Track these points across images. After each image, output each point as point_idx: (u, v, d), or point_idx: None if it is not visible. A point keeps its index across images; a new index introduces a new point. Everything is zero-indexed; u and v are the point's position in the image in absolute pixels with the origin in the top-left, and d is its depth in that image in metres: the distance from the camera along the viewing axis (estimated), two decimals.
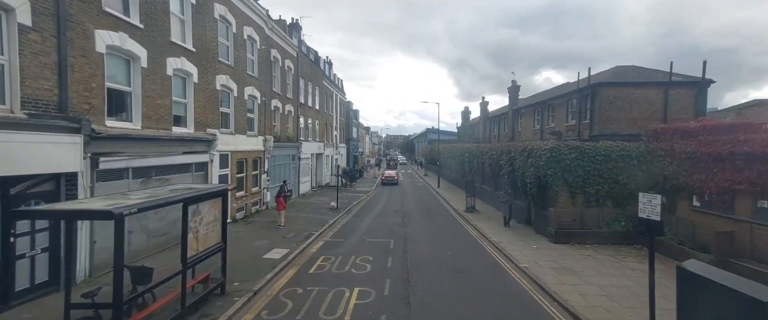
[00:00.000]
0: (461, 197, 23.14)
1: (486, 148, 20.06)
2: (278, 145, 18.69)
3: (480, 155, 21.91)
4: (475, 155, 23.23)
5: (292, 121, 21.47)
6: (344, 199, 22.19)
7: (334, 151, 34.27)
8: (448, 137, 56.53)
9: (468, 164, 24.94)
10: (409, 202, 22.38)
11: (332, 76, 35.02)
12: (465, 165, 26.08)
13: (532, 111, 21.08)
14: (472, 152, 24.29)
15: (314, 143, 26.68)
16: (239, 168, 14.68)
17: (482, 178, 22.11)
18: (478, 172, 23.39)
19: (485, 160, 19.83)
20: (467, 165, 25.26)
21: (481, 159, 21.45)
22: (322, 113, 29.58)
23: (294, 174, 21.84)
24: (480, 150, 21.84)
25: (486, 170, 20.00)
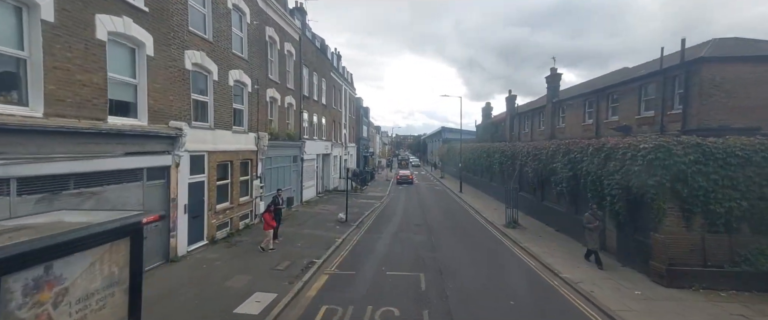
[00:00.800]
0: (492, 205, 19.57)
1: (527, 147, 16.44)
2: (275, 144, 15.49)
3: (517, 156, 18.29)
4: (509, 156, 19.61)
5: (293, 115, 18.27)
6: (354, 207, 18.88)
7: (342, 151, 31.04)
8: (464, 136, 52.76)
9: (499, 166, 21.31)
10: (431, 212, 18.91)
11: (341, 69, 31.82)
12: (494, 168, 22.45)
13: (582, 102, 17.38)
14: (504, 152, 20.67)
15: (320, 142, 23.45)
16: (221, 173, 11.50)
17: (519, 184, 18.48)
18: (511, 176, 19.76)
19: (527, 161, 16.22)
20: (497, 168, 21.62)
21: (519, 160, 17.83)
22: (330, 109, 26.37)
23: (295, 178, 18.63)
24: (517, 150, 18.22)
25: (528, 174, 16.36)
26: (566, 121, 19.30)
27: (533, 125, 24.43)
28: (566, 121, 19.31)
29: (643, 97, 13.14)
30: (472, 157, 29.43)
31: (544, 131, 22.20)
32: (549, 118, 21.04)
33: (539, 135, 23.05)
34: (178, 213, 8.98)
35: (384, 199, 23.62)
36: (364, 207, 19.74)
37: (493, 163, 22.86)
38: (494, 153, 22.72)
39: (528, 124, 26.06)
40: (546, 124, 21.45)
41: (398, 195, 26.14)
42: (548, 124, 21.07)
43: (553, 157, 13.35)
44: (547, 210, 14.96)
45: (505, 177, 20.63)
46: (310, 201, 20.59)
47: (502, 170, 20.90)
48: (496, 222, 15.65)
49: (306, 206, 18.88)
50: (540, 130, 23.22)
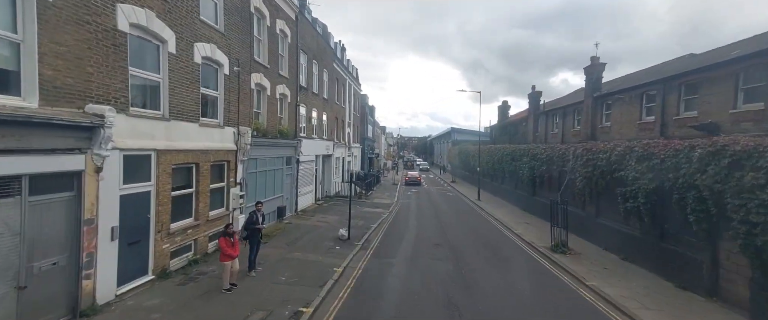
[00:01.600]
0: (522, 218, 16.42)
1: (576, 149, 13.26)
2: (263, 143, 12.55)
3: (556, 160, 15.14)
4: (544, 160, 16.45)
5: (287, 109, 15.32)
6: (359, 218, 15.87)
7: (345, 151, 28.08)
8: (471, 137, 49.59)
9: (529, 172, 18.15)
10: (450, 225, 15.81)
11: (345, 62, 28.90)
12: (521, 174, 19.27)
13: (638, 96, 14.23)
14: (536, 156, 17.51)
15: (320, 141, 20.50)
16: (181, 179, 8.55)
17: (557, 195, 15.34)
18: (543, 184, 16.64)
19: (576, 168, 13.06)
20: (526, 174, 18.45)
21: (561, 166, 14.69)
22: (332, 104, 23.42)
23: (289, 184, 15.66)
24: (557, 153, 15.04)
25: (575, 184, 13.18)
26: (613, 119, 16.12)
27: (565, 124, 21.26)
28: (613, 118, 16.13)
29: (742, 84, 9.96)
30: (490, 161, 26.29)
31: (580, 131, 19.04)
32: (588, 116, 17.88)
33: (573, 136, 19.88)
34: (97, 241, 6.03)
35: (393, 207, 20.57)
36: (370, 218, 16.72)
37: (519, 168, 19.70)
38: (521, 156, 19.56)
39: (557, 123, 22.90)
40: (584, 123, 18.28)
41: (408, 202, 23.08)
42: (587, 122, 17.90)
43: (620, 163, 10.21)
44: (604, 231, 11.81)
45: (538, 185, 17.49)
46: (306, 210, 17.61)
47: (534, 177, 17.75)
48: (536, 242, 12.53)
49: (301, 217, 15.89)
50: (574, 129, 20.06)
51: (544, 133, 24.77)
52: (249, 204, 11.66)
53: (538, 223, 15.86)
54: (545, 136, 24.37)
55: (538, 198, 17.76)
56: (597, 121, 17.49)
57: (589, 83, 18.03)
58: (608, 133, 16.35)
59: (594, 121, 17.67)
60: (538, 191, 17.70)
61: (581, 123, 19.08)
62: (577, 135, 19.54)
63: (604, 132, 16.85)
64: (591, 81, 17.92)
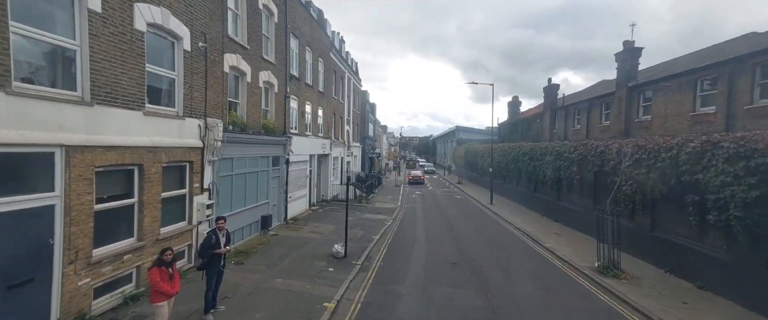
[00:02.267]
0: (548, 228, 14.12)
1: (626, 146, 10.88)
2: (242, 139, 10.30)
3: (591, 161, 12.83)
4: (575, 160, 14.13)
5: (274, 100, 13.07)
6: (358, 227, 13.62)
7: (344, 151, 25.83)
8: (477, 136, 47.36)
9: (553, 174, 15.84)
10: (466, 236, 13.51)
11: (344, 54, 26.65)
12: (543, 176, 16.95)
13: (689, 84, 11.92)
14: (563, 154, 15.18)
15: (315, 139, 18.24)
16: (114, 187, 6.30)
17: (591, 201, 13.02)
18: (575, 189, 14.33)
19: (626, 170, 10.72)
20: (550, 176, 16.14)
21: (607, 167, 12.39)
22: (329, 98, 21.16)
23: (276, 188, 13.38)
24: (598, 151, 12.68)
25: (624, 191, 10.80)
26: (655, 111, 13.80)
27: (590, 120, 18.94)
28: (655, 110, 13.81)
29: None
30: (503, 161, 23.97)
31: (610, 126, 16.73)
32: (621, 109, 15.56)
33: (601, 132, 17.57)
34: None
35: (397, 213, 18.29)
36: (371, 227, 14.44)
37: (540, 169, 17.39)
38: (542, 155, 17.25)
39: (578, 118, 20.59)
40: (616, 117, 15.96)
41: (414, 207, 20.79)
42: (620, 116, 15.59)
43: (695, 163, 7.90)
44: (663, 248, 9.48)
45: (564, 188, 15.16)
46: (298, 218, 15.33)
47: (559, 179, 15.42)
48: (576, 260, 10.21)
49: (291, 227, 13.62)
50: (602, 125, 17.75)
51: (562, 129, 22.46)
52: (224, 214, 9.40)
53: (567, 234, 13.55)
54: (565, 133, 22.05)
55: (564, 204, 15.45)
56: (632, 115, 15.17)
57: (622, 72, 15.70)
58: (648, 129, 14.03)
59: (629, 114, 15.35)
60: (565, 195, 15.39)
61: (611, 117, 16.76)
62: (606, 131, 17.23)
63: (642, 127, 14.53)
64: (624, 69, 15.60)
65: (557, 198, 16.02)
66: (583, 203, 13.63)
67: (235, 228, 10.31)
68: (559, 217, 15.82)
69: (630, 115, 15.33)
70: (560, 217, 15.65)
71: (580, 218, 13.67)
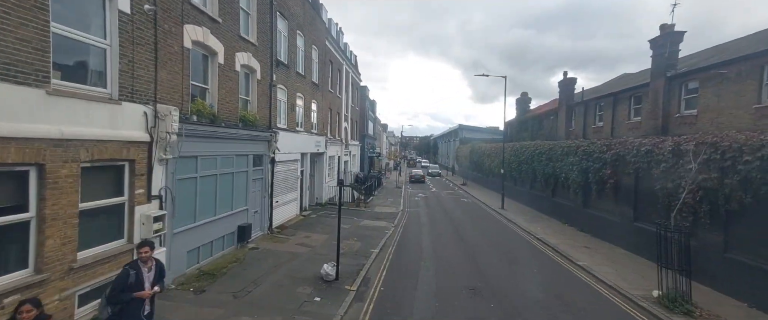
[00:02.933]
0: (575, 240, 12.02)
1: (680, 143, 8.86)
2: (210, 133, 8.32)
3: (639, 161, 10.80)
4: (607, 161, 12.11)
5: (256, 88, 11.06)
6: (355, 238, 11.64)
7: (341, 149, 23.84)
8: (481, 135, 45.35)
9: (580, 177, 13.83)
10: (482, 251, 11.50)
11: (342, 45, 24.64)
12: (570, 179, 14.93)
13: (753, 70, 9.92)
14: (594, 154, 13.17)
15: (308, 136, 16.24)
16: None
17: (629, 210, 11.00)
18: (608, 194, 12.33)
19: (686, 173, 8.68)
20: (578, 179, 14.13)
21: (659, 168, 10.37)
22: (324, 91, 19.17)
23: (259, 192, 11.37)
24: (644, 150, 10.63)
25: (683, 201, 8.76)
26: (703, 104, 11.80)
27: (616, 115, 16.95)
28: (703, 103, 11.81)
29: None
30: (515, 161, 21.97)
31: (641, 123, 14.75)
32: (658, 102, 13.56)
33: (630, 129, 15.59)
34: None
35: (399, 219, 16.30)
36: (369, 236, 12.46)
37: (562, 171, 15.38)
38: (564, 154, 15.24)
39: (600, 115, 18.60)
40: (649, 112, 13.97)
41: (417, 211, 18.79)
42: (655, 110, 13.59)
43: None
44: (746, 275, 7.44)
45: (595, 194, 13.14)
46: (286, 225, 13.34)
47: (587, 183, 13.41)
48: (626, 287, 8.20)
49: (276, 237, 11.62)
50: (630, 121, 15.76)
51: (580, 127, 20.47)
52: (176, 230, 7.42)
53: (600, 247, 11.55)
54: (584, 131, 20.06)
55: (592, 211, 13.44)
56: (672, 109, 13.17)
57: (658, 60, 13.69)
58: (694, 124, 12.04)
59: (667, 108, 13.35)
60: (594, 202, 13.39)
61: (644, 112, 14.76)
62: (635, 128, 15.24)
63: (684, 123, 12.54)
64: (661, 57, 13.59)
65: (583, 204, 14.02)
66: (619, 211, 11.62)
67: (202, 243, 8.33)
68: (585, 226, 13.82)
69: (668, 110, 13.33)
70: (587, 227, 13.65)
71: (615, 229, 11.68)
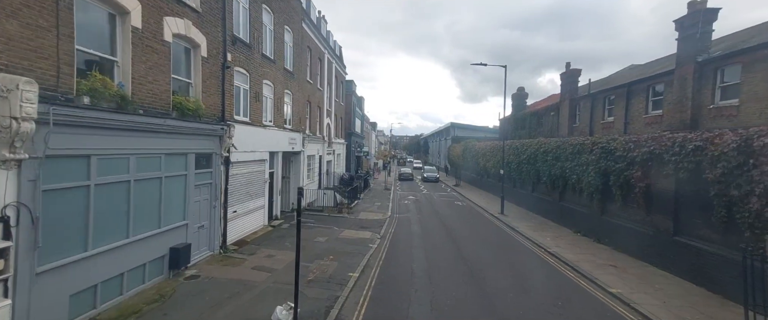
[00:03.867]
0: (594, 254, 9.83)
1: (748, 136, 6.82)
2: (116, 123, 5.87)
3: (682, 161, 8.75)
4: (636, 161, 10.07)
5: (200, 68, 8.60)
6: (331, 255, 9.26)
7: (323, 148, 21.43)
8: (475, 134, 43.51)
9: (597, 180, 11.81)
10: (489, 273, 9.30)
11: (324, 32, 22.18)
12: (584, 181, 12.93)
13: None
14: (615, 153, 11.12)
15: (279, 132, 13.81)
16: None
17: (668, 221, 8.97)
18: (637, 202, 10.33)
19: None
20: (594, 182, 12.10)
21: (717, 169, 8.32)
22: (301, 82, 16.74)
23: (205, 201, 8.90)
24: (691, 148, 8.54)
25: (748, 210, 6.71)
26: (747, 93, 9.90)
27: (630, 109, 15.07)
28: (747, 91, 9.91)
29: None
30: (515, 161, 19.97)
31: (663, 116, 12.89)
32: (685, 92, 11.66)
33: (647, 124, 13.72)
34: None
35: (386, 228, 14.03)
36: (349, 253, 10.13)
37: (573, 172, 13.37)
38: (578, 153, 13.22)
39: (610, 109, 16.73)
40: (674, 104, 12.07)
41: (408, 217, 16.56)
42: (683, 101, 11.69)
43: None
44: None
45: (617, 200, 11.07)
46: (248, 240, 10.89)
47: (607, 186, 11.37)
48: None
49: (228, 258, 9.19)
50: (649, 115, 13.89)
51: (586, 123, 18.60)
52: (52, 265, 4.96)
53: (629, 265, 9.52)
54: (590, 127, 18.19)
55: (613, 220, 11.43)
56: (705, 99, 11.26)
57: (687, 43, 11.78)
58: (735, 116, 10.13)
59: (698, 98, 11.44)
60: (615, 209, 11.37)
61: (666, 104, 12.87)
62: (656, 123, 13.36)
63: (721, 115, 10.63)
64: (690, 40, 11.68)
65: (600, 211, 12.01)
66: (651, 222, 9.60)
67: (102, 279, 5.90)
68: (603, 237, 11.82)
69: (699, 100, 11.43)
70: (606, 237, 11.65)
71: (646, 242, 9.66)
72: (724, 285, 7.25)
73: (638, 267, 9.28)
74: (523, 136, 25.92)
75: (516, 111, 29.73)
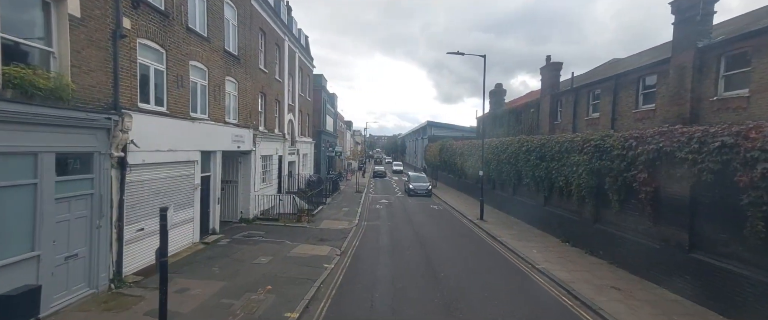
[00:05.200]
0: (586, 269, 7.95)
1: None
2: None
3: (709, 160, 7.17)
4: (638, 161, 8.50)
5: (66, 30, 6.06)
6: (269, 282, 6.94)
7: (283, 147, 18.94)
8: (452, 133, 42.29)
9: (590, 181, 10.22)
10: (471, 305, 7.38)
11: (285, 17, 19.66)
12: (573, 184, 11.38)
13: None
14: (610, 151, 9.53)
15: (217, 126, 11.30)
16: None
17: (683, 233, 7.42)
18: (644, 208, 8.82)
19: None
20: (586, 185, 10.52)
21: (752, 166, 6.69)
22: (251, 70, 14.24)
23: (84, 219, 6.35)
24: (722, 144, 6.95)
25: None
26: (758, 80, 8.59)
27: (617, 104, 13.81)
28: (758, 79, 8.61)
29: None
30: (494, 161, 18.39)
31: (656, 110, 11.61)
32: (683, 83, 10.35)
33: (637, 120, 12.46)
34: None
35: (350, 240, 11.88)
36: (294, 280, 7.90)
37: (560, 173, 11.80)
38: (566, 152, 11.63)
39: (595, 104, 15.48)
40: (671, 97, 10.75)
41: (377, 226, 14.47)
42: (680, 94, 10.38)
43: None
44: None
45: (613, 205, 9.48)
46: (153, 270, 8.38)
47: (602, 190, 9.79)
48: None
49: (116, 298, 6.71)
50: (639, 109, 12.64)
51: (569, 120, 17.33)
52: None
53: (637, 288, 7.91)
54: (573, 123, 16.92)
55: (609, 228, 9.87)
56: (706, 90, 9.96)
57: (684, 27, 10.47)
58: (744, 109, 8.84)
59: (697, 90, 10.14)
60: (611, 215, 9.81)
61: (660, 97, 11.59)
62: (647, 118, 12.08)
63: (726, 108, 9.34)
64: (689, 23, 10.37)
65: (594, 218, 10.46)
66: (659, 233, 8.02)
67: None
68: (596, 247, 10.28)
69: (700, 92, 10.13)
70: (601, 248, 10.10)
71: (653, 259, 8.10)
72: (764, 317, 5.69)
73: (646, 289, 7.69)
74: (501, 134, 24.59)
75: (494, 108, 28.46)
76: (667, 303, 6.99)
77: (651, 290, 7.61)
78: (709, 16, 10.15)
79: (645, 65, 12.31)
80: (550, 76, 19.25)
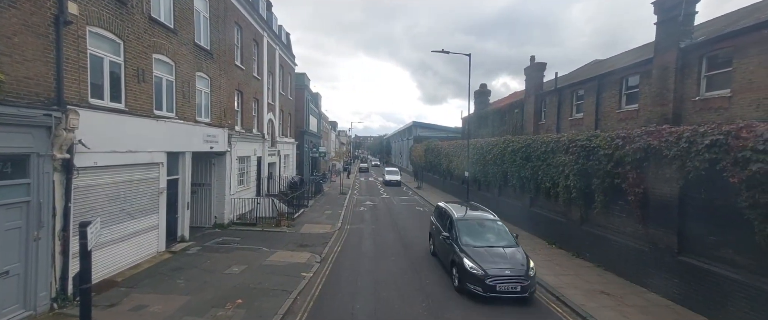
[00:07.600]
0: (574, 272, 7.63)
1: None
2: None
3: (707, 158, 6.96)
4: (626, 161, 8.29)
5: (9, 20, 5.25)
6: (240, 295, 6.22)
7: (263, 147, 18.10)
8: (438, 133, 42.19)
9: (577, 182, 9.99)
10: None
11: (265, 14, 18.82)
12: (559, 185, 11.16)
13: None
14: (597, 151, 9.32)
15: (186, 126, 10.47)
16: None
17: (672, 236, 7.23)
18: (626, 209, 8.64)
19: None
20: (576, 186, 10.30)
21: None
22: (228, 67, 13.43)
23: (17, 230, 5.53)
24: (715, 141, 6.79)
25: None
26: (739, 79, 8.56)
27: (600, 104, 13.76)
28: (739, 78, 8.57)
29: None
30: (480, 162, 18.16)
31: (639, 111, 11.57)
32: (667, 83, 10.30)
33: (620, 120, 12.43)
34: None
35: (331, 245, 11.27)
36: (267, 293, 7.26)
37: (547, 174, 11.58)
38: (551, 152, 11.41)
39: (579, 104, 15.44)
40: (654, 97, 10.69)
41: (360, 229, 13.90)
42: (663, 94, 10.33)
43: None
44: None
45: (599, 207, 9.27)
46: (118, 280, 7.57)
47: (589, 191, 9.58)
48: None
49: (61, 314, 5.90)
50: (622, 110, 12.61)
51: (553, 120, 17.27)
52: None
53: (624, 291, 7.68)
54: (557, 124, 16.86)
55: (597, 231, 9.67)
56: (689, 90, 9.92)
57: (667, 27, 10.42)
58: (726, 108, 8.80)
59: (681, 90, 10.10)
60: (600, 218, 9.61)
61: (643, 97, 11.54)
62: (630, 118, 12.04)
63: (709, 107, 9.30)
64: (671, 23, 10.32)
65: (581, 220, 10.26)
66: (648, 236, 7.82)
67: None
68: (583, 249, 10.08)
69: (682, 91, 10.09)
70: (588, 250, 9.90)
71: (641, 261, 7.90)
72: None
73: (635, 294, 7.46)
74: (486, 134, 24.49)
75: (479, 108, 28.39)
76: (656, 308, 6.75)
77: (641, 295, 7.38)
78: (691, 16, 10.13)
79: (628, 65, 12.28)
80: (535, 77, 19.19)
